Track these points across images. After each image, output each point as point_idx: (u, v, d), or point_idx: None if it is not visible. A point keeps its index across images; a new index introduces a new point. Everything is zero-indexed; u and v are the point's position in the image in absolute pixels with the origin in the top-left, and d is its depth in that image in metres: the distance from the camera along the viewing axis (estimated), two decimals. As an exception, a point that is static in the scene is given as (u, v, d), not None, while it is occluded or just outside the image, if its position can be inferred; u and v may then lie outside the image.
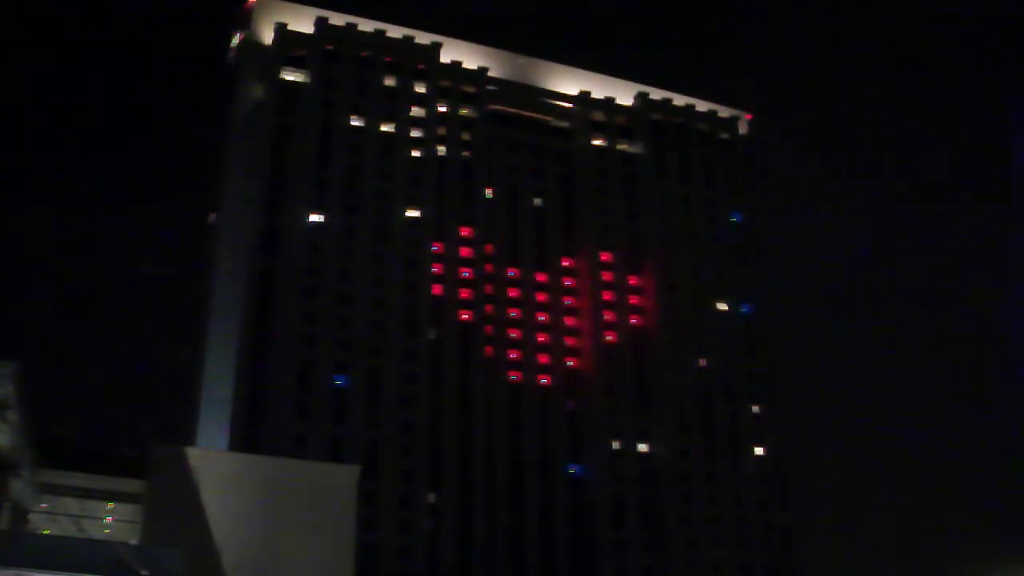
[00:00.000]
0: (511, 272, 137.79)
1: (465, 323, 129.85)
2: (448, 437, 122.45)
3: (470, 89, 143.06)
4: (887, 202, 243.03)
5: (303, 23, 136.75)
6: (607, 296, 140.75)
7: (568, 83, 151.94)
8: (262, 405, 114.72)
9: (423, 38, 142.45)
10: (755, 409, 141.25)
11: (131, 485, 62.07)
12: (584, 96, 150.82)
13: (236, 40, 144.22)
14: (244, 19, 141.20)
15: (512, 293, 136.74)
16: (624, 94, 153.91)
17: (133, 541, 56.86)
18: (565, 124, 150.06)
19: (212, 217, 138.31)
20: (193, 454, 61.95)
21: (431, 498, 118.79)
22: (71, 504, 61.42)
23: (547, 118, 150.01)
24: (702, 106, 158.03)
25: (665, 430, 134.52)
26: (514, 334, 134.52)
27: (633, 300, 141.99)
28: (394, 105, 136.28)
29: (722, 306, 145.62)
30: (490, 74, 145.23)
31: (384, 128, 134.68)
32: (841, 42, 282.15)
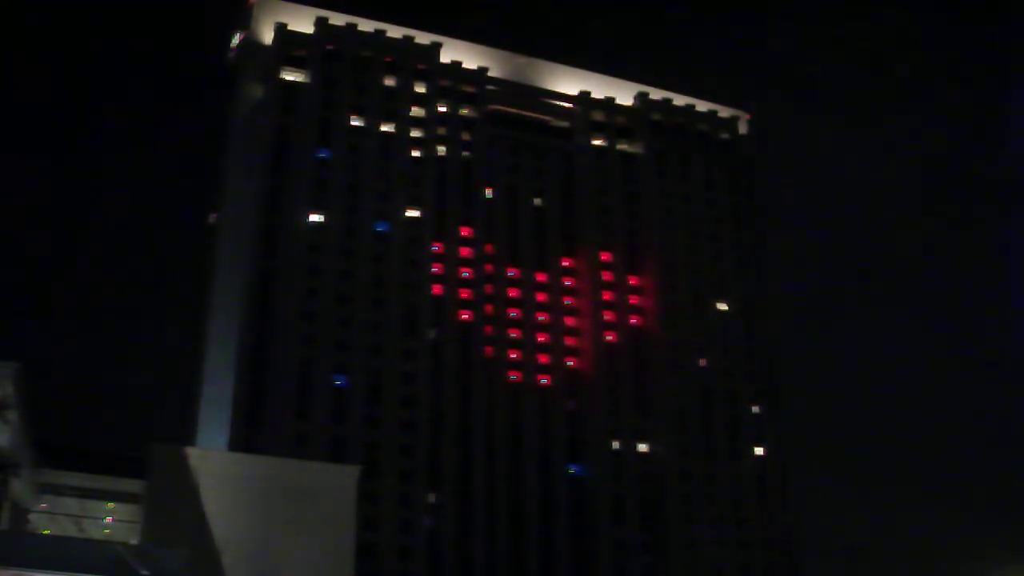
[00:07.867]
0: (511, 272, 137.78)
1: (465, 323, 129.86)
2: (448, 437, 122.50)
3: (470, 89, 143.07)
4: (887, 201, 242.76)
5: (303, 23, 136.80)
6: (607, 296, 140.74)
7: (568, 83, 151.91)
8: (262, 405, 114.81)
9: (423, 38, 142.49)
10: (755, 409, 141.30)
11: (131, 485, 62.02)
12: (584, 96, 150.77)
13: (236, 40, 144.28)
14: (244, 19, 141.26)
15: (512, 293, 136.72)
16: (624, 94, 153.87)
17: (133, 541, 56.82)
18: (565, 124, 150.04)
19: (212, 217, 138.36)
20: (193, 454, 61.88)
21: (431, 498, 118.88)
22: (71, 504, 61.42)
23: (547, 118, 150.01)
24: (702, 106, 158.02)
25: (665, 430, 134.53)
26: (514, 334, 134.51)
27: (633, 300, 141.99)
28: (394, 105, 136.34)
29: (722, 306, 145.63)
30: (490, 74, 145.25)
31: (384, 128, 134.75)
32: (841, 42, 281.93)
